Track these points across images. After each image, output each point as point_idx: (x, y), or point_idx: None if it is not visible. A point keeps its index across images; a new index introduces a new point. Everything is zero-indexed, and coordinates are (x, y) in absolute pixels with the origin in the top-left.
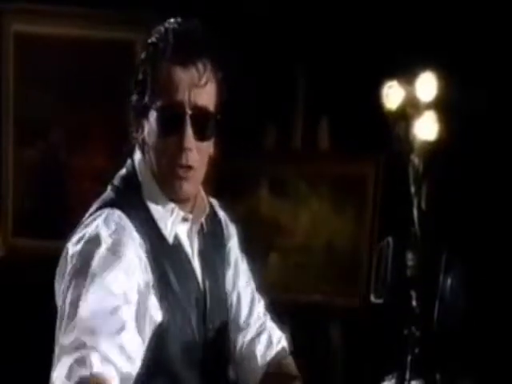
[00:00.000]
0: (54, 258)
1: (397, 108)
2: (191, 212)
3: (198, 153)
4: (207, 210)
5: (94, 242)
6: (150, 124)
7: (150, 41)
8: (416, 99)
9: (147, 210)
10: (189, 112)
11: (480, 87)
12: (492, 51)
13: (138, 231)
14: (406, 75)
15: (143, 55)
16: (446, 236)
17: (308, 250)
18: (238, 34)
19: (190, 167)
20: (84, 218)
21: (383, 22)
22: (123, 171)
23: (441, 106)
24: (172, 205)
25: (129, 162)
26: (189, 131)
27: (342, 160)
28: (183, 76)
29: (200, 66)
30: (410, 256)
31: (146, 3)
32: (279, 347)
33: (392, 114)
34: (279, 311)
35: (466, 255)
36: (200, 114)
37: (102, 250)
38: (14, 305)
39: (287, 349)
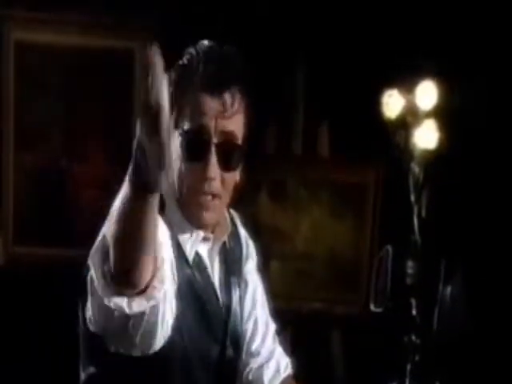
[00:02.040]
0: (54, 266)
1: (397, 116)
2: (213, 231)
3: (222, 182)
4: (229, 229)
5: None
6: (176, 146)
7: (180, 62)
8: (416, 108)
9: (169, 226)
10: (214, 140)
11: (480, 95)
12: (492, 59)
13: None
14: (406, 83)
15: (172, 76)
16: (445, 244)
17: (308, 257)
18: (238, 37)
19: (213, 195)
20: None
21: (384, 30)
22: None
23: (441, 114)
24: (189, 224)
25: None
26: (213, 160)
27: (342, 167)
28: (211, 104)
29: (228, 96)
30: (409, 264)
31: (145, 11)
32: (286, 374)
33: (392, 122)
34: (279, 319)
35: (465, 263)
36: (226, 144)
37: None
38: (15, 313)
39: (292, 375)
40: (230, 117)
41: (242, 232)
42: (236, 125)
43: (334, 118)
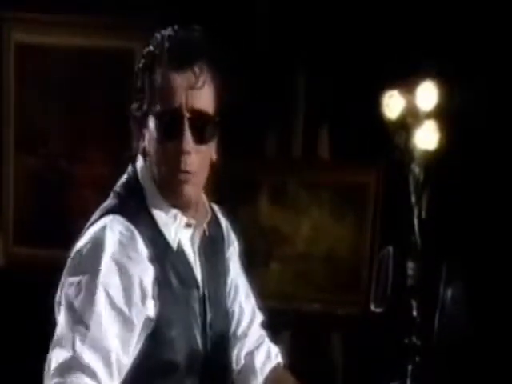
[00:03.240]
0: (54, 267)
1: (397, 117)
2: (194, 217)
3: (198, 156)
4: (209, 215)
5: (100, 249)
6: (150, 131)
7: (146, 49)
8: (416, 108)
9: (151, 217)
10: (186, 115)
11: (480, 96)
12: (492, 59)
13: (143, 238)
14: (407, 84)
15: (141, 63)
16: (446, 245)
17: (308, 258)
18: (238, 41)
19: (189, 172)
20: (87, 225)
21: (384, 30)
22: (125, 178)
23: (441, 115)
24: (175, 211)
25: (130, 169)
26: (187, 134)
27: (343, 168)
28: (179, 80)
29: (196, 68)
30: (410, 265)
31: (145, 11)
32: (276, 361)
33: (392, 123)
34: (279, 320)
35: (466, 264)
36: (198, 117)
37: (108, 260)
38: (14, 314)
39: (283, 365)
40: (199, 88)
41: (223, 220)
42: (207, 97)
43: (335, 119)
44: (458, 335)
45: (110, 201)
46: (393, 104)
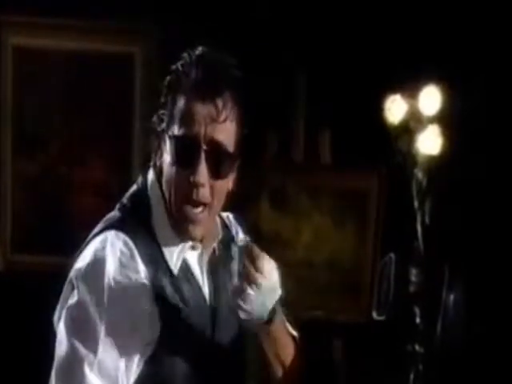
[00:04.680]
0: (53, 274)
1: (400, 122)
2: (201, 240)
3: (212, 190)
4: (220, 235)
5: (100, 271)
6: (167, 151)
7: (174, 66)
8: (419, 113)
9: (153, 235)
10: (204, 146)
11: (483, 100)
12: (495, 64)
13: (143, 258)
14: (410, 88)
15: (167, 80)
16: (449, 251)
17: (309, 265)
18: (239, 44)
19: (201, 203)
20: (88, 238)
21: (386, 34)
22: (134, 189)
23: (444, 119)
24: (178, 233)
25: (141, 180)
26: (202, 166)
27: (344, 173)
28: (201, 109)
29: (219, 101)
30: (413, 271)
31: (145, 15)
32: None
33: (395, 127)
34: None
35: (469, 271)
36: (216, 150)
37: (109, 282)
38: (13, 321)
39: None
40: (220, 124)
41: (234, 229)
42: (227, 132)
43: (336, 123)
44: (461, 341)
45: (114, 213)
46: (395, 108)
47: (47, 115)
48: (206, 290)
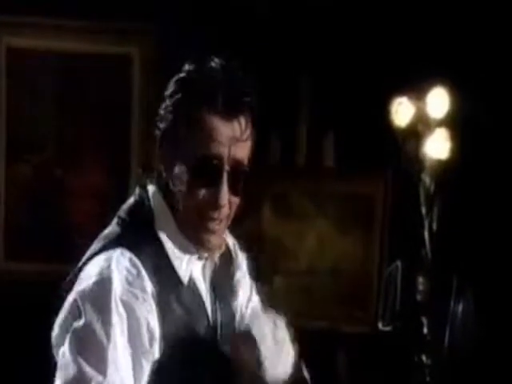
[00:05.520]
0: (48, 282)
1: (407, 125)
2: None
3: (230, 205)
4: (223, 247)
5: (107, 291)
6: (182, 168)
7: (189, 79)
8: (427, 116)
9: (160, 247)
10: (227, 168)
11: (493, 103)
12: (506, 65)
13: (149, 274)
14: (417, 91)
15: (181, 89)
16: (457, 259)
17: (313, 272)
18: (241, 46)
19: (219, 220)
20: (88, 256)
21: (392, 34)
22: (132, 202)
23: (453, 123)
24: (188, 242)
25: (138, 191)
26: (225, 188)
27: (349, 178)
28: (225, 130)
29: (243, 121)
30: (420, 280)
31: (143, 16)
32: None
33: (402, 131)
34: None
35: (478, 279)
36: (236, 170)
37: (116, 302)
38: (7, 331)
39: None
40: (242, 142)
41: (231, 241)
42: (245, 151)
43: (340, 126)
44: (469, 353)
45: (113, 228)
46: (402, 111)
47: (42, 117)
48: (207, 303)
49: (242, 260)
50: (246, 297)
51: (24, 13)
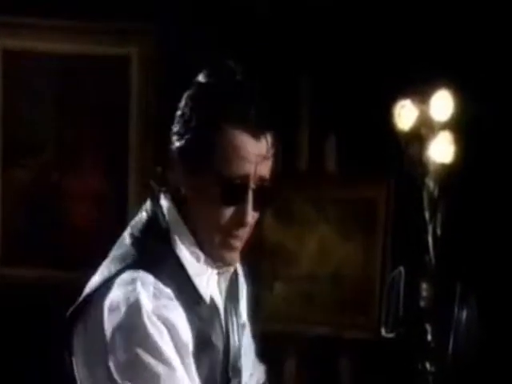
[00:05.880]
0: (46, 287)
1: (410, 128)
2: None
3: (252, 222)
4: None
5: (140, 321)
6: (204, 185)
7: (209, 90)
8: (430, 119)
9: (180, 266)
10: (252, 186)
11: (498, 105)
12: (511, 68)
13: (174, 293)
14: (420, 93)
15: (205, 106)
16: (462, 265)
17: (314, 278)
18: (241, 49)
19: (242, 237)
20: (100, 282)
21: (395, 34)
22: (145, 219)
23: (457, 126)
24: (206, 258)
25: (151, 207)
26: (249, 205)
27: (351, 183)
28: (253, 149)
29: (269, 139)
30: (423, 286)
31: (142, 16)
32: None
33: (405, 134)
34: (284, 344)
35: (483, 285)
36: (261, 187)
37: (151, 322)
38: (4, 336)
39: None
40: (267, 160)
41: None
42: (269, 167)
43: (342, 130)
44: (474, 360)
45: (129, 249)
46: (405, 114)
47: (39, 120)
48: (222, 321)
49: (243, 281)
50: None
51: (20, 14)
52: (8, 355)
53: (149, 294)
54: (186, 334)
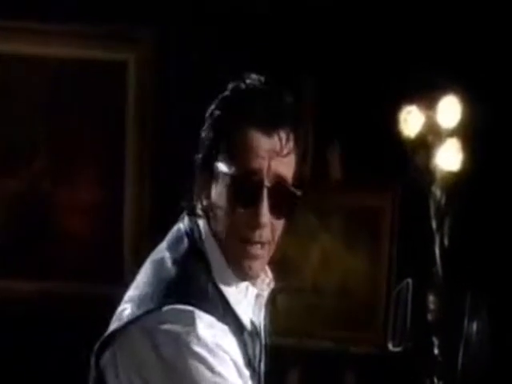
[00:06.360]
0: (35, 301)
1: (416, 135)
2: (259, 286)
3: (272, 230)
4: (272, 284)
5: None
6: (221, 189)
7: (226, 96)
8: (437, 125)
9: (221, 295)
10: (267, 184)
11: (507, 111)
12: None
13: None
14: (427, 99)
15: (218, 110)
16: (470, 276)
17: (319, 291)
18: (243, 55)
19: (262, 244)
20: (143, 311)
21: (401, 38)
22: (186, 243)
23: (465, 132)
24: (243, 283)
25: (189, 227)
26: (265, 205)
27: (355, 191)
28: (265, 144)
29: (283, 135)
30: (431, 299)
31: (140, 21)
32: None
33: (411, 141)
34: (287, 359)
35: (493, 297)
36: (279, 187)
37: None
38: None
39: None
40: (283, 157)
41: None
42: (289, 167)
43: (346, 137)
44: (484, 376)
45: (173, 278)
46: (411, 120)
47: (31, 127)
48: (263, 342)
49: None
50: None
51: (11, 18)
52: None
53: (205, 325)
54: (240, 360)
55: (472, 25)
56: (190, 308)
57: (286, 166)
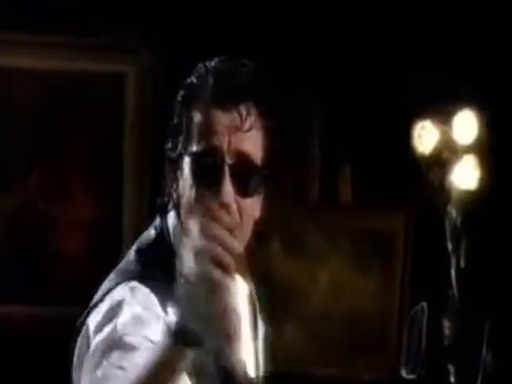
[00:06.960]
0: (33, 326)
1: (431, 152)
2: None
3: (239, 212)
4: (251, 286)
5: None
6: (184, 175)
7: (187, 80)
8: (453, 142)
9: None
10: (228, 160)
11: None
12: None
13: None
14: (442, 113)
15: (179, 96)
16: (488, 300)
17: (327, 317)
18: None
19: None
20: (100, 295)
21: (413, 50)
22: (152, 236)
23: (482, 149)
24: None
25: (158, 222)
26: (227, 183)
27: (367, 213)
28: (223, 120)
29: (242, 108)
30: (447, 323)
31: (139, 31)
32: None
33: (425, 158)
34: None
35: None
36: (242, 164)
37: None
38: None
39: None
40: (245, 131)
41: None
42: (252, 143)
43: (357, 156)
44: None
45: (128, 263)
46: (425, 136)
47: (25, 143)
48: None
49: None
50: None
51: (8, 30)
52: None
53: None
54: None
55: (490, 37)
56: (133, 284)
57: (250, 143)
